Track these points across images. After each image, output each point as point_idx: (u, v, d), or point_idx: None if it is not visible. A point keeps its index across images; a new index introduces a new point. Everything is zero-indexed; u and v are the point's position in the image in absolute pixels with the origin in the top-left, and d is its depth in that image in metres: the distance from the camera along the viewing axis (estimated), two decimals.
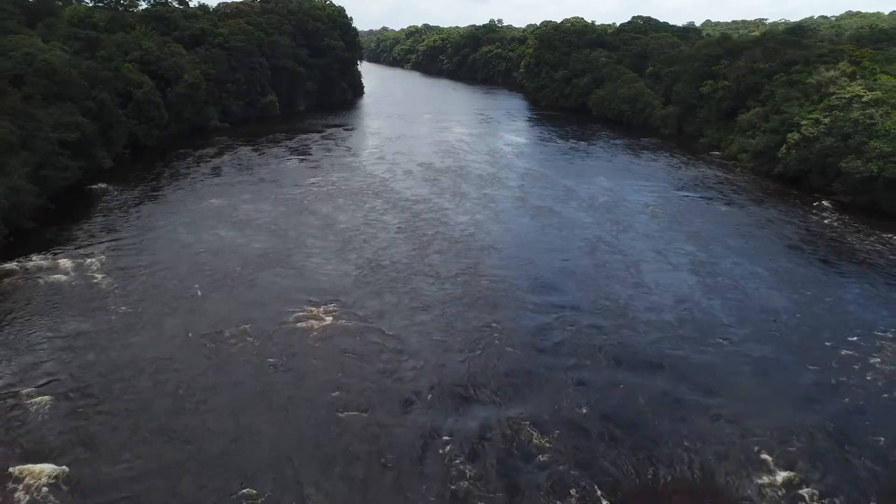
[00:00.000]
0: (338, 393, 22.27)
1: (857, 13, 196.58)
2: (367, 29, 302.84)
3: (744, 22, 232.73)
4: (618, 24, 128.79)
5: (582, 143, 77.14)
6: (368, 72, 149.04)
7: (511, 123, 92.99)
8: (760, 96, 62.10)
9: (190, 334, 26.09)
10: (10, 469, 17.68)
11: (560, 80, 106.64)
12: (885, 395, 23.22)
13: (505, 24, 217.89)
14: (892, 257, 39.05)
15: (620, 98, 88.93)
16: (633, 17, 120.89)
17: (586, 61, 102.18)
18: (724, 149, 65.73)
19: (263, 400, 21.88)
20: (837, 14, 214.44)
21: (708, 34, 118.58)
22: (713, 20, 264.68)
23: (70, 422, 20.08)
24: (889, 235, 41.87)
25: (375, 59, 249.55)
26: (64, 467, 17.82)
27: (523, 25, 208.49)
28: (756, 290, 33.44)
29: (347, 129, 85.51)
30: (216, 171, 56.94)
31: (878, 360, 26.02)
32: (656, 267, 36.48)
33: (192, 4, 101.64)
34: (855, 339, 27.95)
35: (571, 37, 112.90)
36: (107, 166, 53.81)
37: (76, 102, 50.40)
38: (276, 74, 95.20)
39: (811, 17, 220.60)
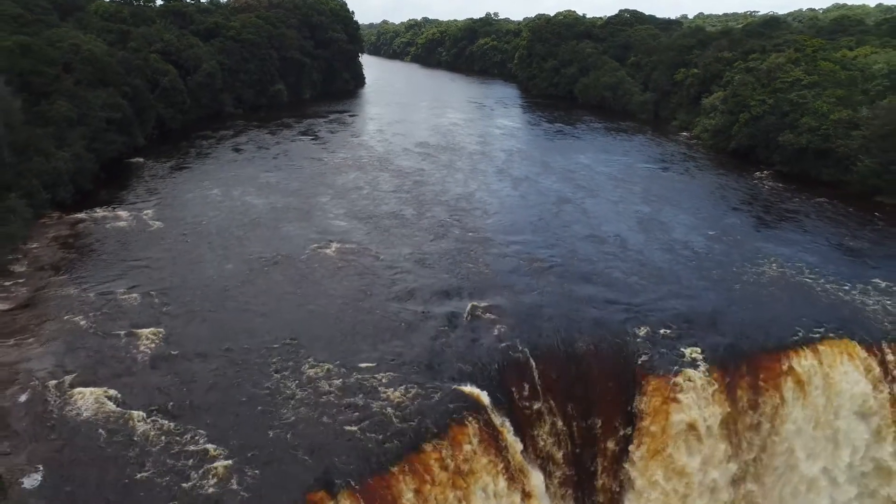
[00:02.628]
0: (353, 295, 29.77)
1: (843, 5, 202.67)
2: (367, 22, 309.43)
3: (734, 14, 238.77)
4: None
5: (566, 126, 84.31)
6: (369, 64, 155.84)
7: (502, 110, 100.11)
8: (722, 82, 69.25)
9: (236, 260, 33.63)
10: (124, 331, 25.18)
11: (549, 70, 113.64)
12: (759, 297, 30.70)
13: (502, 17, 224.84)
14: (814, 216, 46.18)
15: (603, 86, 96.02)
16: (620, 11, 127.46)
17: (574, 52, 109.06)
18: (691, 130, 72.92)
19: (299, 300, 29.36)
20: (826, 6, 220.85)
21: (689, 27, 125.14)
22: (706, 13, 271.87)
23: (156, 308, 27.56)
24: (814, 198, 49.06)
25: (376, 51, 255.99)
26: (160, 329, 25.32)
27: (520, 18, 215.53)
28: (691, 238, 40.64)
29: (351, 115, 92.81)
30: (237, 149, 64.29)
31: (770, 284, 33.26)
32: (611, 221, 43.70)
33: (203, 0, 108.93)
34: (759, 267, 35.18)
35: (561, 29, 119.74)
36: (140, 144, 61.11)
37: (115, 87, 57.66)
38: (284, 65, 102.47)
39: (800, 10, 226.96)
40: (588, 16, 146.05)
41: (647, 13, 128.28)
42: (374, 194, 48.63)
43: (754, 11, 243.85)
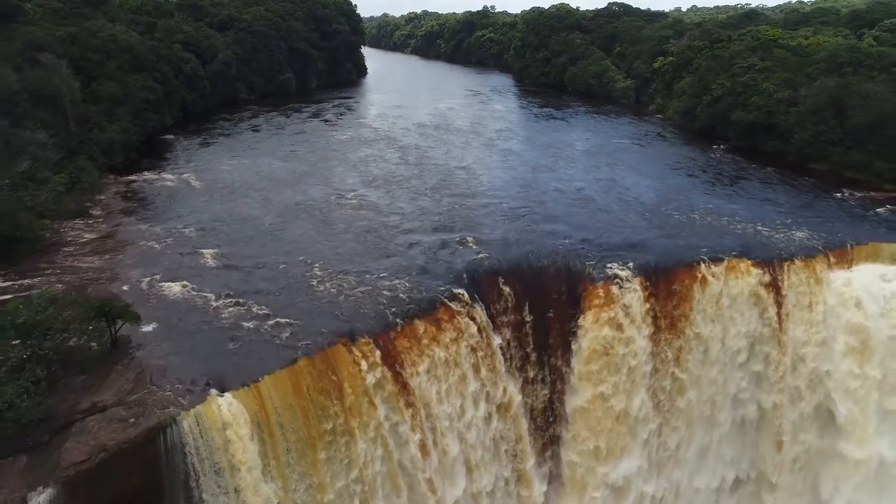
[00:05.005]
0: (365, 232, 37.49)
1: None
2: (368, 15, 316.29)
3: (725, 7, 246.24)
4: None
5: (554, 111, 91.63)
6: (370, 56, 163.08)
7: (496, 97, 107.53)
8: (692, 68, 76.63)
9: (270, 209, 41.47)
10: (189, 251, 32.94)
11: (541, 60, 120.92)
12: (688, 234, 38.27)
13: (500, 10, 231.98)
14: (755, 180, 53.46)
15: (589, 74, 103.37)
16: (610, 3, 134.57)
17: (564, 43, 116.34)
18: (665, 112, 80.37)
19: (323, 234, 37.12)
20: None
21: (673, 18, 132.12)
22: (698, 6, 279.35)
23: (211, 237, 35.31)
24: (759, 167, 56.49)
25: (377, 44, 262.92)
26: (216, 250, 33.04)
27: (517, 11, 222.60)
28: (645, 196, 48.11)
29: (356, 102, 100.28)
30: (255, 130, 71.91)
31: (700, 225, 40.82)
32: (582, 184, 51.26)
33: None
34: (695, 215, 42.66)
35: (553, 21, 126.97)
36: (169, 124, 68.66)
37: (149, 73, 65.15)
38: (292, 55, 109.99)
39: (789, 2, 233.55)
40: (581, 8, 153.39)
41: (641, 6, 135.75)
42: (380, 164, 56.19)
43: (745, 4, 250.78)
